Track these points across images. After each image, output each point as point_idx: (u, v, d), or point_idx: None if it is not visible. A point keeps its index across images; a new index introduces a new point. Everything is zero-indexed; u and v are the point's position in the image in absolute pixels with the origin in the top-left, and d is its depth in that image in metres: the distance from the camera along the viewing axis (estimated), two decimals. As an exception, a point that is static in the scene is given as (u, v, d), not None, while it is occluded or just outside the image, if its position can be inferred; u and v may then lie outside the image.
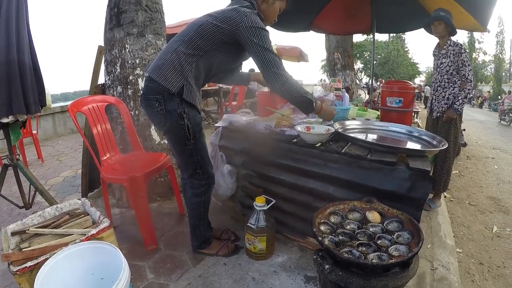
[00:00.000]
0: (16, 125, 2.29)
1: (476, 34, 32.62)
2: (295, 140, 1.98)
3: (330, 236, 1.35)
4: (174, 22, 6.36)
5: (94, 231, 1.65)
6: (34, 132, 4.97)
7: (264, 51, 1.60)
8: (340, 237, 1.36)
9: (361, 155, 1.69)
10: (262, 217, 1.88)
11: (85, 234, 1.64)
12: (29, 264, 1.44)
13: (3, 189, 2.54)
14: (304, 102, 1.75)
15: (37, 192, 2.48)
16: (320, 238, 1.29)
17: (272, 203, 1.92)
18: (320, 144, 1.86)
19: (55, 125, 7.53)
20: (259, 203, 1.86)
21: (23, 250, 1.60)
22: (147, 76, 1.70)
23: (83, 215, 1.90)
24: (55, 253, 1.44)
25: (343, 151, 1.76)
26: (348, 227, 1.43)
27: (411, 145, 1.98)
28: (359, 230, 1.40)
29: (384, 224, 1.43)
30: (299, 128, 1.92)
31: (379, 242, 1.33)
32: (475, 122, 8.26)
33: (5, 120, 2.10)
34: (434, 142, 1.93)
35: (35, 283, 1.25)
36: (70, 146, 6.15)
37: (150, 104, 1.68)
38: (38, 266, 1.40)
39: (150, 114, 1.76)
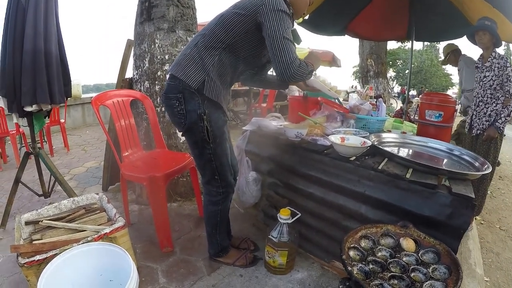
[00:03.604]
0: (40, 114, 2.30)
1: None
2: (327, 151, 1.85)
3: (360, 265, 1.22)
4: (207, 19, 6.33)
5: (107, 230, 1.62)
6: (62, 121, 5.08)
7: (278, 36, 1.44)
8: (371, 266, 1.23)
9: (399, 175, 1.54)
10: (285, 230, 1.76)
11: (98, 232, 1.62)
12: (37, 257, 1.43)
13: (27, 174, 2.56)
14: (307, 79, 1.66)
15: (56, 182, 2.48)
16: (349, 268, 1.15)
17: (297, 216, 1.79)
18: (354, 157, 1.72)
19: (84, 115, 7.72)
20: (284, 215, 1.74)
21: (34, 242, 1.60)
22: (169, 74, 1.62)
23: (99, 211, 1.89)
24: (65, 249, 1.43)
25: (379, 167, 1.61)
26: (379, 254, 1.30)
27: (452, 165, 1.81)
28: (392, 260, 1.27)
29: (419, 254, 1.29)
30: (332, 138, 1.79)
31: (412, 275, 1.19)
32: (510, 139, 7.79)
33: (29, 109, 2.12)
34: (477, 164, 1.75)
35: (39, 280, 1.23)
36: (97, 137, 6.25)
37: (170, 104, 1.60)
38: (46, 261, 1.39)
39: (170, 114, 1.67)
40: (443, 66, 29.94)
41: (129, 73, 2.89)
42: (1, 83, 2.08)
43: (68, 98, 2.37)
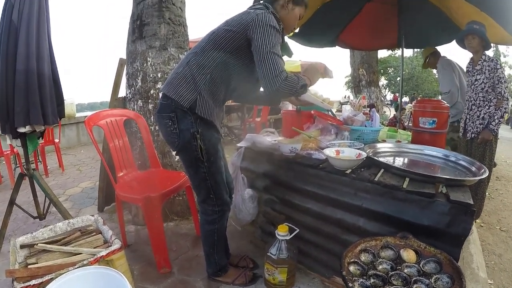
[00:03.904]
0: (34, 135, 2.27)
1: (501, 48, 31.37)
2: (322, 165, 1.83)
3: (361, 280, 1.19)
4: (198, 36, 6.40)
5: (104, 253, 1.58)
6: (57, 140, 5.05)
7: (265, 49, 1.45)
8: (372, 280, 1.20)
9: (396, 185, 1.53)
10: (284, 247, 1.73)
11: (95, 255, 1.57)
12: (33, 282, 1.39)
13: (22, 195, 2.52)
14: (301, 91, 1.64)
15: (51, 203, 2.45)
16: (350, 284, 1.14)
17: (296, 232, 1.77)
18: (350, 170, 1.71)
19: (79, 134, 7.67)
20: (282, 232, 1.72)
21: (29, 266, 1.56)
22: (161, 93, 1.62)
23: (94, 233, 1.85)
24: (60, 273, 1.38)
25: (376, 179, 1.60)
26: (380, 267, 1.28)
27: (449, 172, 1.81)
28: (393, 272, 1.24)
29: (421, 265, 1.27)
30: (327, 152, 1.78)
31: (415, 286, 1.17)
32: (503, 139, 7.82)
33: (22, 130, 2.09)
34: (473, 169, 1.75)
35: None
36: (92, 156, 6.20)
37: (164, 123, 1.60)
38: (42, 285, 1.36)
39: (164, 133, 1.67)
40: (434, 71, 30.32)
41: (122, 92, 2.89)
42: None
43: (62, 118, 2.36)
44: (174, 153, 2.57)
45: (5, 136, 2.19)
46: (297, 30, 4.31)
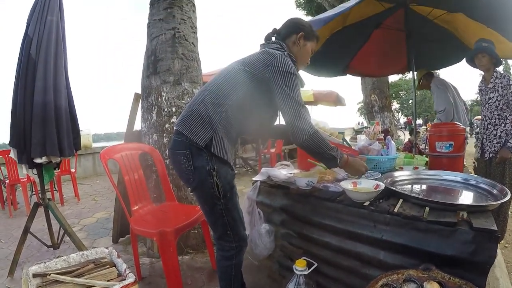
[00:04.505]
0: (50, 166, 2.32)
1: (510, 61, 31.15)
2: (339, 198, 1.79)
3: (384, 317, 1.14)
4: (211, 70, 6.56)
5: (117, 286, 1.57)
6: (73, 170, 5.15)
7: (291, 101, 1.49)
8: (396, 318, 1.15)
9: (416, 216, 1.48)
10: (302, 282, 1.67)
11: None
12: None
13: (36, 223, 2.55)
14: (326, 159, 1.63)
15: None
16: (374, 323, 1.08)
17: (314, 267, 1.71)
18: (368, 202, 1.67)
19: (95, 164, 7.79)
20: (300, 267, 1.67)
21: None
22: (175, 130, 1.62)
23: (108, 266, 1.84)
24: None
25: (395, 210, 1.55)
26: (404, 302, 1.22)
27: (470, 196, 1.77)
28: (418, 308, 1.19)
29: (446, 297, 1.20)
30: (344, 184, 1.74)
31: (440, 320, 1.11)
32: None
33: (38, 161, 2.14)
34: (495, 192, 1.70)
35: None
36: (107, 186, 6.27)
37: (178, 160, 1.58)
38: None
39: (178, 170, 1.65)
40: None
41: (138, 126, 2.94)
42: (11, 134, 2.13)
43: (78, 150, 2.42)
44: (190, 190, 2.58)
45: (22, 165, 2.24)
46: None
